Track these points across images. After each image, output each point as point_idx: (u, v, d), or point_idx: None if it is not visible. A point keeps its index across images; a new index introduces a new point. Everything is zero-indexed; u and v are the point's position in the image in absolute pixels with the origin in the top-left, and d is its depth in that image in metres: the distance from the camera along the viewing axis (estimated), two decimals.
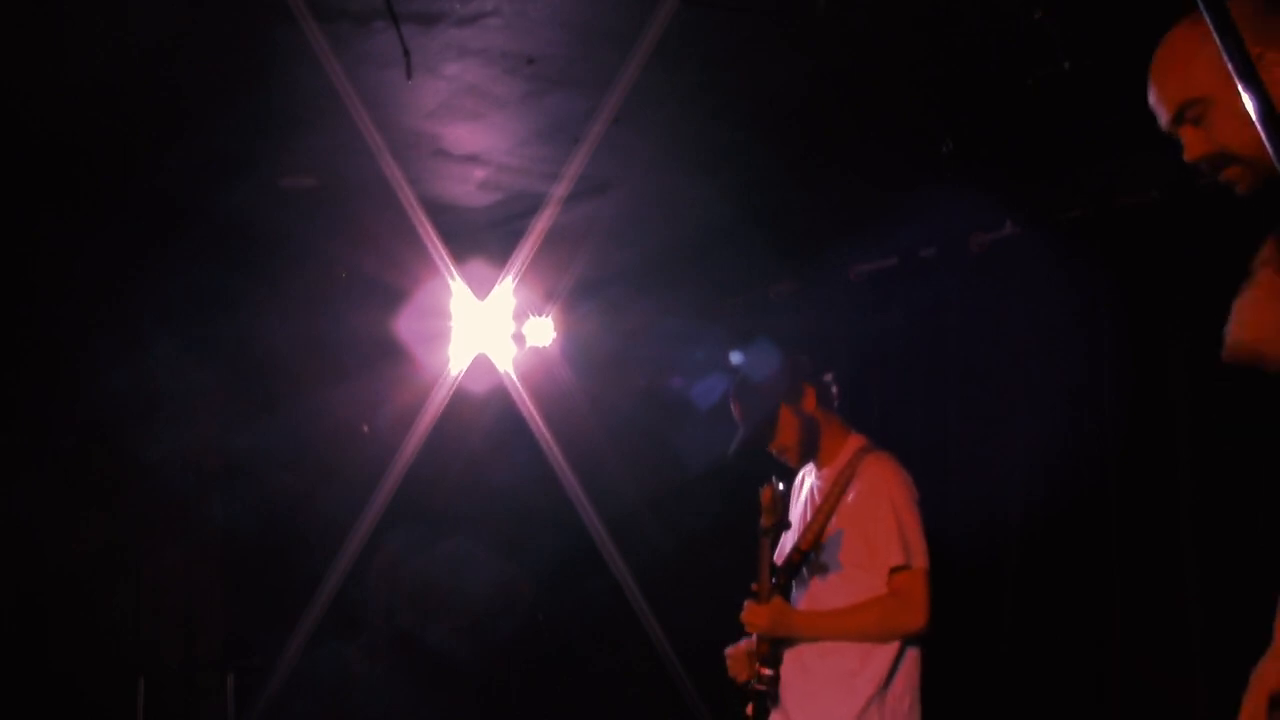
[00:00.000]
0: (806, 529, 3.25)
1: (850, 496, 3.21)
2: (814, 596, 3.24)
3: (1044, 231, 4.03)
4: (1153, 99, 1.79)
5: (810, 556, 3.23)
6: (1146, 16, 1.88)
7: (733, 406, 3.46)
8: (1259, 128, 1.08)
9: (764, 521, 3.23)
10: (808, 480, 3.44)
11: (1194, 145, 1.76)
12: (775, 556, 3.30)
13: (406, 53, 2.98)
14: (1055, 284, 3.97)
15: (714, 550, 4.83)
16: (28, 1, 2.82)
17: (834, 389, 3.43)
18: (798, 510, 3.40)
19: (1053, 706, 3.83)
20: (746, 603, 3.24)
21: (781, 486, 3.27)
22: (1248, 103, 1.07)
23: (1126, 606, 3.69)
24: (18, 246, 4.47)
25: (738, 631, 3.33)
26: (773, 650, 3.22)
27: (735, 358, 3.67)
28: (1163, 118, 1.79)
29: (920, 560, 3.11)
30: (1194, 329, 3.57)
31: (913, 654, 3.18)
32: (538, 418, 5.08)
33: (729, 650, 3.36)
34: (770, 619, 3.18)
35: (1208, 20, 1.07)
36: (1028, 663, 3.90)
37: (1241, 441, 3.31)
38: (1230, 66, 1.08)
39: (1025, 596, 3.96)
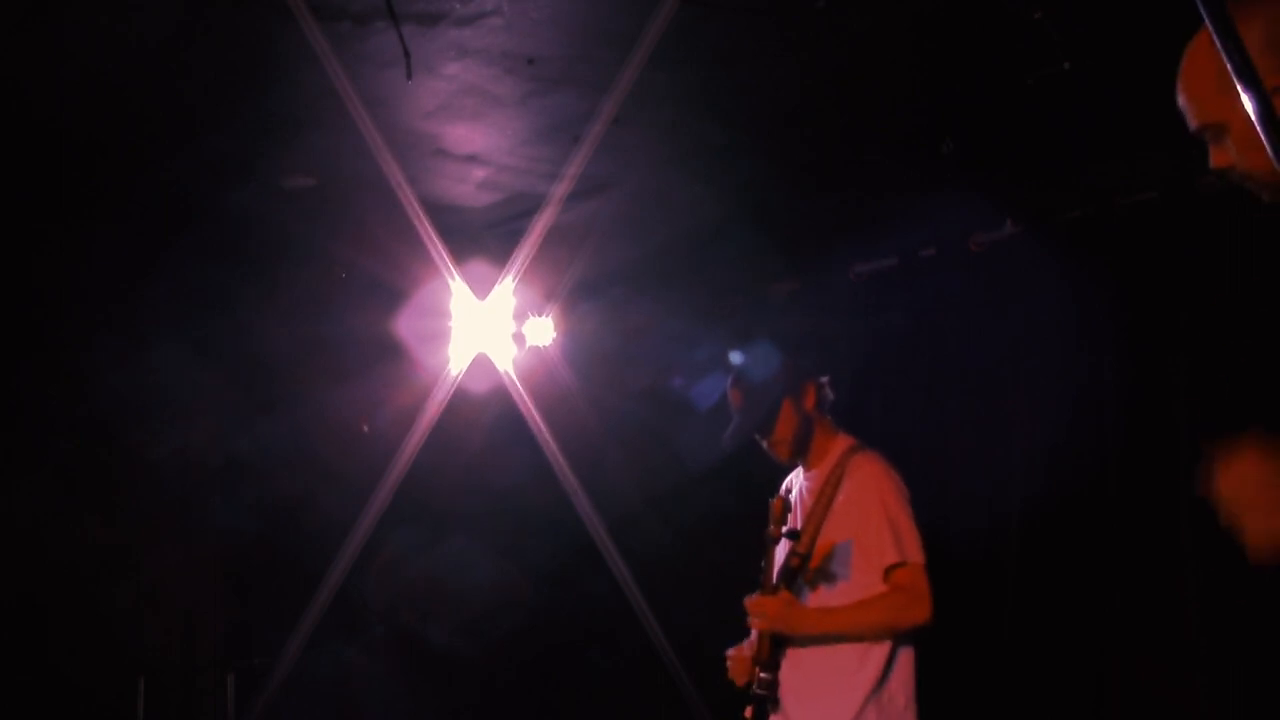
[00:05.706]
0: (800, 534, 3.25)
1: (841, 498, 3.21)
2: (813, 602, 3.23)
3: (1044, 231, 4.03)
4: (1179, 104, 1.80)
5: (806, 561, 3.23)
6: (1147, 16, 1.89)
7: (732, 394, 3.45)
8: (1259, 128, 1.07)
9: (772, 530, 3.24)
10: (796, 483, 3.44)
11: (1216, 157, 1.77)
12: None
13: (406, 53, 2.99)
14: (1055, 284, 3.97)
15: (714, 550, 4.83)
16: (29, 1, 2.82)
17: (830, 392, 3.44)
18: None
19: (1052, 706, 3.83)
20: (755, 595, 3.22)
21: (793, 498, 3.28)
22: (1247, 104, 1.06)
23: (1126, 606, 3.70)
24: (20, 246, 4.46)
25: (738, 631, 3.33)
26: (772, 653, 3.22)
27: (742, 348, 3.67)
28: (1189, 125, 1.80)
29: (916, 556, 3.11)
30: (1194, 328, 3.58)
31: (907, 652, 3.19)
32: (538, 418, 5.07)
33: (730, 652, 3.36)
34: (779, 611, 3.17)
35: (1207, 22, 1.06)
36: (1027, 662, 3.90)
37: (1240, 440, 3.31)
38: (1229, 67, 1.07)
39: (1025, 596, 3.96)
